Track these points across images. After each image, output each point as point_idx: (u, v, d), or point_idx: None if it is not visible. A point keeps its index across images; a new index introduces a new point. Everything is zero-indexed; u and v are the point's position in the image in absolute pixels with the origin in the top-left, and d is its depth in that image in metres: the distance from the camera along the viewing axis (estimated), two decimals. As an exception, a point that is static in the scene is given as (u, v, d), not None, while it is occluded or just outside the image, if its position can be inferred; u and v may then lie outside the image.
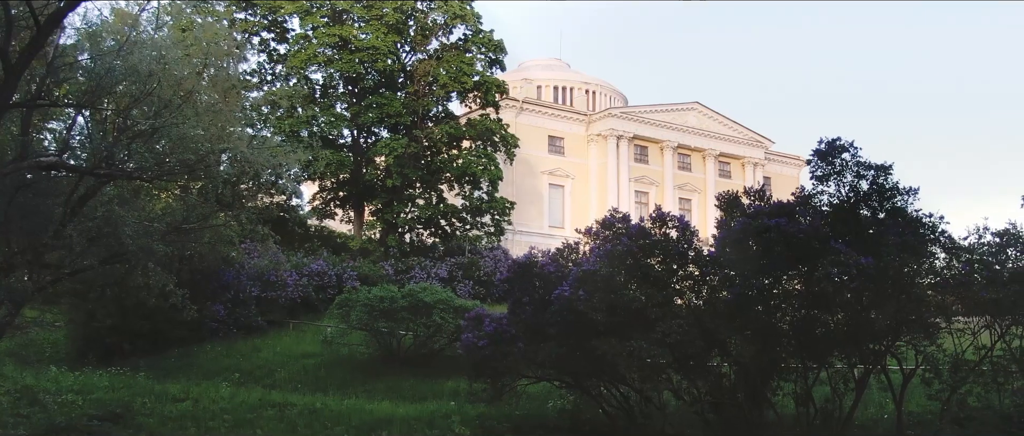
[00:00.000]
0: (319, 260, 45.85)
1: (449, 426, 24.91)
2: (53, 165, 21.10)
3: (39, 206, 21.12)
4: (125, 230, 20.62)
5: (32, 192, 21.01)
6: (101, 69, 19.43)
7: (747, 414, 23.17)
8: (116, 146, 20.49)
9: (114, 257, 22.53)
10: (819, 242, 20.16)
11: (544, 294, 23.04)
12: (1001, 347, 23.75)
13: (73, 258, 22.04)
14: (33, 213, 20.95)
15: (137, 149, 20.74)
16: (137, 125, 20.67)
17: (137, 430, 24.73)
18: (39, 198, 21.25)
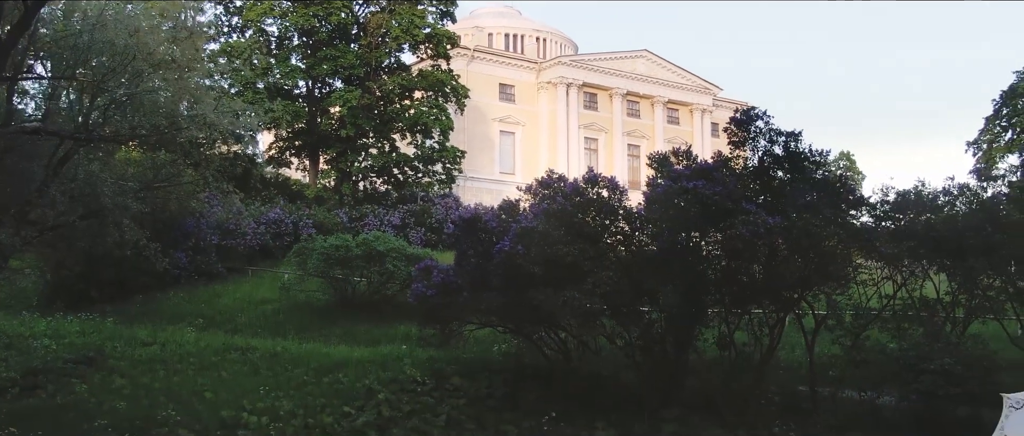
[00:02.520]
0: (276, 208, 47.33)
1: (401, 368, 26.57)
2: (36, 130, 22.68)
3: (23, 168, 22.74)
4: (103, 189, 22.32)
5: (17, 155, 22.61)
6: (82, 43, 20.95)
7: (673, 357, 25.33)
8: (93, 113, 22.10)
9: (91, 213, 24.23)
10: (732, 203, 22.20)
11: (488, 248, 24.56)
12: (903, 295, 26.16)
13: (56, 215, 23.72)
14: (18, 174, 22.56)
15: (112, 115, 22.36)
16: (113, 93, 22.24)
17: (110, 372, 26.43)
18: (23, 161, 22.86)
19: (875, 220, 25.07)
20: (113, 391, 25.00)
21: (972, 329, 27.01)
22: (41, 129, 22.67)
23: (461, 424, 23.75)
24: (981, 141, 64.09)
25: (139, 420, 22.96)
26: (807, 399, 24.72)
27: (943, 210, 26.45)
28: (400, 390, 25.41)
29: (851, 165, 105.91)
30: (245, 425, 23.02)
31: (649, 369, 25.14)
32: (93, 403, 24.03)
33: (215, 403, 24.29)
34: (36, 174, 22.68)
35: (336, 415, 23.92)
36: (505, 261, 23.28)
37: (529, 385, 25.46)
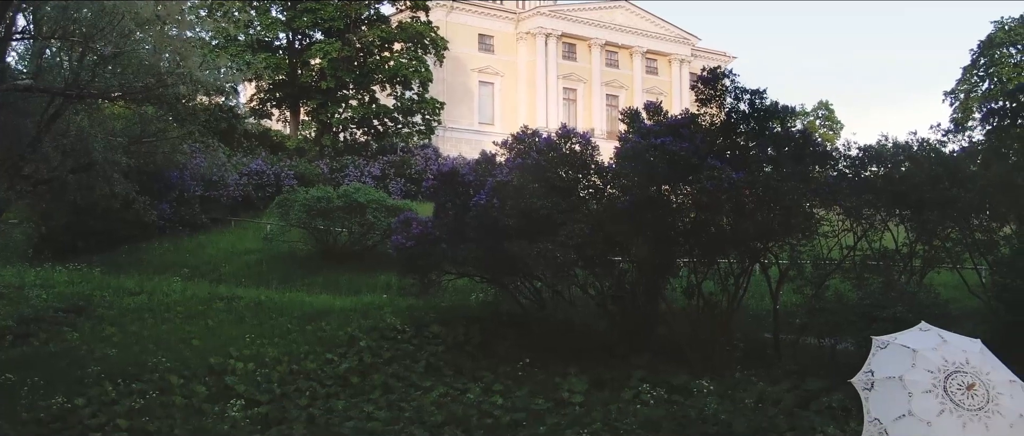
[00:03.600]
0: (258, 160, 48.06)
1: (382, 317, 27.53)
2: (28, 88, 23.37)
3: (15, 124, 23.45)
4: (94, 144, 23.10)
5: (9, 112, 23.31)
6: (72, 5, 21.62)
7: (643, 306, 26.34)
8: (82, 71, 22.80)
9: (82, 168, 25.03)
10: (698, 159, 23.10)
11: (465, 201, 25.32)
12: (863, 246, 27.21)
13: (49, 169, 24.49)
14: (10, 130, 23.27)
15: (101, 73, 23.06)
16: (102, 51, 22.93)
17: (99, 321, 27.31)
18: (16, 117, 23.56)
19: (837, 174, 25.95)
20: (103, 339, 25.90)
21: (930, 279, 28.15)
22: (33, 86, 23.37)
23: (440, 370, 24.67)
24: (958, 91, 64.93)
25: (130, 366, 23.88)
26: (771, 346, 25.74)
27: (903, 165, 27.40)
28: (381, 338, 26.35)
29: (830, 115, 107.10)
30: (232, 371, 23.97)
31: (620, 318, 26.07)
32: (84, 350, 24.93)
33: (203, 350, 25.22)
34: (28, 130, 23.43)
35: (319, 361, 24.88)
36: (481, 214, 24.09)
37: (505, 332, 26.37)
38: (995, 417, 4.30)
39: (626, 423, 21.08)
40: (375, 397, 23.06)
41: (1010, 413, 4.32)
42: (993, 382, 4.40)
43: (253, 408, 22.30)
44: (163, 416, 21.78)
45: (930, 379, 4.44)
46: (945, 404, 4.37)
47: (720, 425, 20.59)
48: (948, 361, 4.50)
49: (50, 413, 21.40)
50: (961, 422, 4.31)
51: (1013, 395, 4.42)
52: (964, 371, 4.44)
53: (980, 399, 4.34)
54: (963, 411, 4.31)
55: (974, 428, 4.29)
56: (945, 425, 4.32)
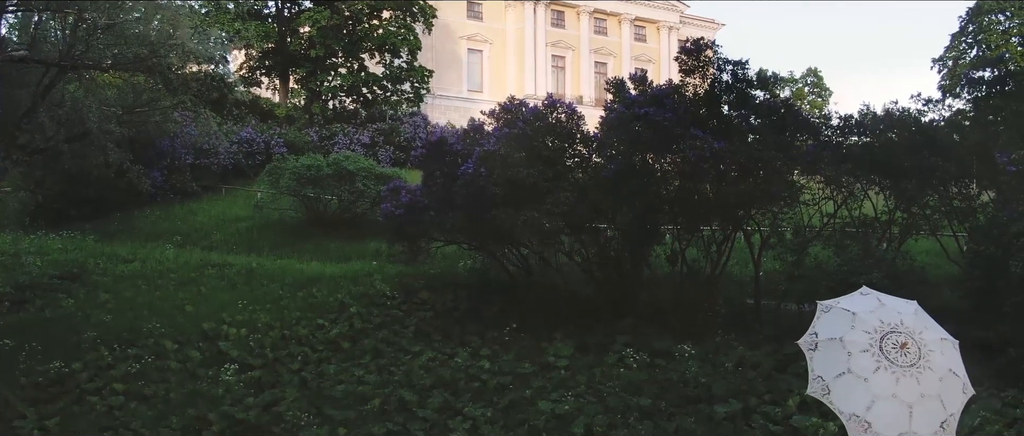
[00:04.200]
0: (248, 128, 48.30)
1: (371, 283, 28.04)
2: (23, 59, 23.72)
3: (11, 95, 23.82)
4: (88, 114, 23.50)
5: (4, 82, 23.67)
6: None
7: (628, 272, 26.89)
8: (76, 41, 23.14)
9: (76, 137, 25.44)
10: (681, 129, 23.59)
11: (453, 169, 25.69)
12: (843, 214, 27.76)
13: (44, 139, 24.89)
14: (6, 101, 23.64)
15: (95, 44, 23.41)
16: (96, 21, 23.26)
17: (94, 288, 27.76)
18: (11, 88, 23.92)
19: (818, 143, 26.42)
20: (98, 305, 26.37)
21: (912, 246, 28.74)
22: (28, 57, 23.72)
23: (428, 335, 25.22)
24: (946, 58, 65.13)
25: (125, 332, 24.40)
26: (752, 311, 26.30)
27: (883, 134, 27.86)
28: (371, 304, 26.90)
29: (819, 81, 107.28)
30: (225, 336, 24.51)
31: (605, 284, 26.58)
32: (80, 317, 25.43)
33: (196, 316, 25.74)
34: (24, 100, 23.81)
35: (311, 327, 25.41)
36: (469, 182, 24.51)
37: (492, 298, 26.92)
38: (926, 372, 4.80)
39: (609, 386, 21.71)
40: (365, 361, 23.66)
41: (940, 368, 4.83)
42: (925, 340, 4.89)
43: (246, 372, 22.90)
44: (159, 380, 22.37)
45: (867, 339, 4.94)
46: (880, 361, 4.86)
47: (700, 388, 21.23)
48: (884, 322, 4.99)
49: (48, 377, 21.98)
50: (895, 378, 4.81)
51: (944, 352, 4.92)
52: (899, 331, 4.93)
53: (912, 356, 4.83)
54: (896, 368, 4.81)
55: (906, 383, 4.78)
56: (880, 380, 4.82)
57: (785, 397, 19.65)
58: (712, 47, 25.42)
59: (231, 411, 20.93)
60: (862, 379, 4.86)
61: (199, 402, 21.43)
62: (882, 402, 4.77)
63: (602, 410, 20.59)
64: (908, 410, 4.72)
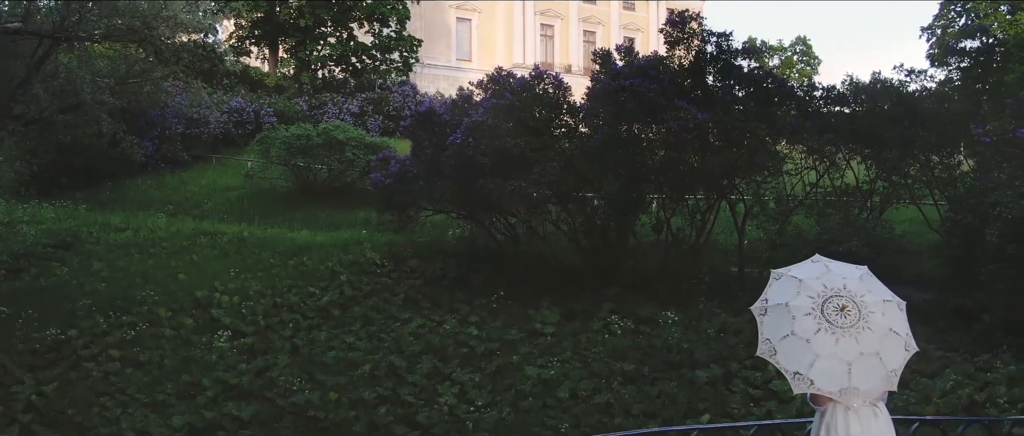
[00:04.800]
0: (238, 97, 48.38)
1: (361, 251, 28.43)
2: (17, 30, 23.98)
3: (6, 66, 24.11)
4: (82, 85, 23.82)
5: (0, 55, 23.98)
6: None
7: (614, 241, 27.35)
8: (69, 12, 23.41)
9: (70, 108, 25.76)
10: (665, 100, 24.00)
11: (441, 139, 25.94)
12: (826, 183, 28.22)
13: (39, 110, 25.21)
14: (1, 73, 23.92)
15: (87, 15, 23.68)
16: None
17: (87, 256, 28.11)
18: (6, 59, 24.20)
19: (801, 114, 26.83)
20: (92, 274, 26.75)
21: (895, 215, 29.24)
22: (22, 29, 23.98)
23: (417, 302, 25.67)
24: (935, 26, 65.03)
25: (119, 300, 24.82)
26: (736, 279, 26.80)
27: (866, 104, 28.32)
28: (361, 272, 27.31)
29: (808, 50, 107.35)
30: (218, 304, 24.93)
31: (591, 252, 27.01)
32: (74, 285, 25.82)
33: (189, 284, 26.13)
34: (18, 71, 24.11)
35: (302, 295, 25.84)
36: (457, 153, 24.86)
37: (480, 267, 27.32)
38: (865, 332, 5.19)
39: (594, 352, 22.26)
40: (356, 328, 24.14)
41: (880, 328, 5.21)
42: (866, 303, 5.26)
43: (239, 339, 23.38)
44: (153, 347, 22.84)
45: (810, 304, 5.36)
46: (821, 324, 5.28)
47: (683, 353, 21.79)
48: (827, 288, 5.39)
49: (45, 344, 22.45)
50: (834, 338, 5.22)
51: (885, 313, 5.28)
52: (840, 295, 5.32)
53: (852, 318, 5.22)
54: (836, 329, 5.21)
55: (845, 342, 5.20)
56: (821, 341, 5.25)
57: (765, 363, 20.00)
58: (697, 19, 25.80)
59: (224, 377, 21.48)
60: (804, 340, 5.30)
61: (193, 368, 21.95)
62: (822, 360, 5.22)
63: (587, 375, 21.17)
64: (847, 367, 5.17)
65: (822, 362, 5.24)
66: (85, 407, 20.28)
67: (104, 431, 19.32)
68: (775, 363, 5.45)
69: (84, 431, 19.51)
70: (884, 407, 5.58)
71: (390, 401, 20.53)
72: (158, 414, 19.98)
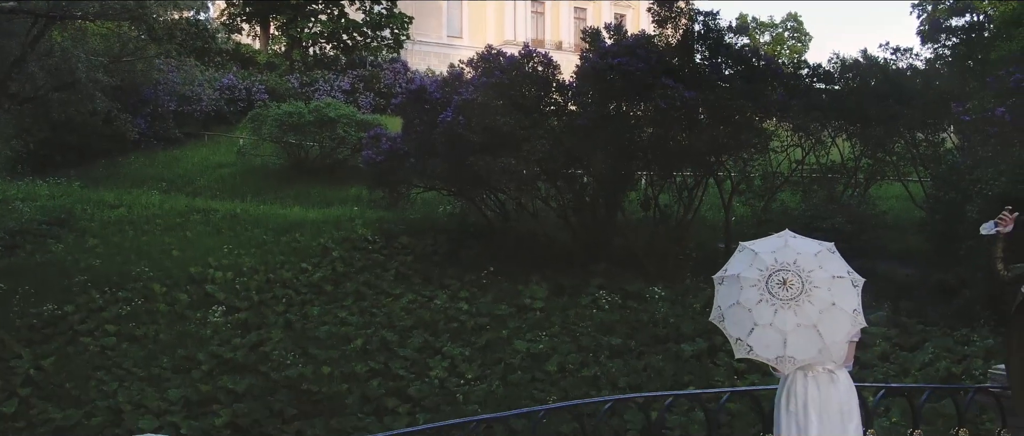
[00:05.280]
0: (229, 75, 48.48)
1: (353, 228, 28.78)
2: (12, 9, 24.23)
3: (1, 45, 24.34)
4: (77, 64, 24.11)
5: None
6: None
7: (602, 217, 27.74)
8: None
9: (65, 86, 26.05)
10: (653, 78, 24.35)
11: (432, 117, 26.29)
12: (811, 160, 28.59)
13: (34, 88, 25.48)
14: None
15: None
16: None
17: (82, 233, 28.44)
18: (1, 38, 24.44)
19: (787, 91, 27.14)
20: (87, 250, 27.08)
21: (881, 191, 29.61)
22: (17, 8, 24.23)
23: (408, 278, 26.06)
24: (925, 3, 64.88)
25: (114, 276, 25.16)
26: (722, 255, 27.09)
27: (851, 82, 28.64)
28: (352, 248, 27.66)
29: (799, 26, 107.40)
30: (212, 280, 25.28)
31: (580, 228, 27.40)
32: (70, 261, 26.13)
33: (183, 260, 26.46)
34: (13, 50, 24.37)
35: (294, 271, 26.21)
36: (448, 130, 25.17)
37: (471, 243, 27.72)
38: (805, 305, 5.56)
39: (582, 326, 22.68)
40: (348, 304, 24.52)
41: (821, 302, 5.57)
42: (813, 279, 5.62)
43: (233, 314, 23.76)
44: (148, 322, 23.21)
45: (757, 276, 5.75)
46: (763, 295, 5.67)
47: (669, 327, 22.20)
48: (778, 262, 5.77)
49: (42, 319, 22.81)
50: (773, 309, 5.61)
51: (832, 289, 5.64)
52: (788, 270, 5.69)
53: (794, 292, 5.59)
54: (776, 301, 5.60)
55: (784, 314, 5.58)
56: (761, 311, 5.65)
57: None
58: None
59: (219, 351, 21.85)
60: (747, 309, 5.71)
61: (188, 342, 22.32)
62: (760, 329, 5.63)
63: (575, 349, 21.59)
64: (783, 337, 5.57)
65: (759, 331, 5.67)
66: (82, 381, 20.63)
67: (102, 404, 19.66)
68: (722, 328, 5.87)
69: (82, 404, 19.85)
70: (845, 374, 5.97)
71: (382, 375, 20.93)
72: (154, 387, 20.33)
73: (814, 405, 5.91)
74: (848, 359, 5.97)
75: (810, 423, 5.94)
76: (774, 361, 5.73)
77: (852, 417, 5.96)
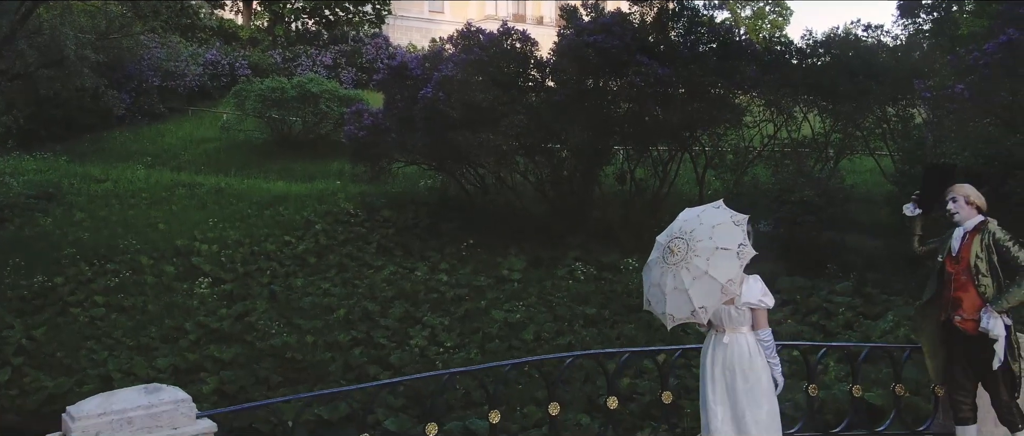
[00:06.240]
0: (213, 50, 48.86)
1: (336, 202, 29.38)
2: (1, -11, 24.71)
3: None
4: (66, 42, 24.61)
5: (-17, 12, 24.67)
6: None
7: (579, 191, 28.33)
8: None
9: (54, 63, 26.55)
10: (627, 55, 24.92)
11: (413, 93, 26.82)
12: (783, 134, 29.20)
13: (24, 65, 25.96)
14: (-15, 30, 24.65)
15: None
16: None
17: (69, 207, 28.95)
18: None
19: (760, 68, 27.67)
20: (75, 224, 27.62)
21: (854, 165, 30.23)
22: (6, -12, 24.74)
23: (390, 250, 26.69)
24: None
25: (102, 249, 25.74)
26: (697, 228, 27.78)
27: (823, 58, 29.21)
28: (335, 221, 28.27)
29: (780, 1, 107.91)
30: (198, 252, 25.89)
31: (557, 201, 27.96)
32: (58, 234, 26.70)
33: (169, 233, 27.05)
34: (2, 28, 24.81)
35: (278, 243, 26.81)
36: (428, 106, 25.66)
37: (451, 216, 28.30)
38: (684, 271, 6.17)
39: (558, 297, 23.37)
40: (331, 275, 25.15)
41: (696, 270, 6.15)
42: (698, 248, 6.21)
43: (219, 285, 24.38)
44: (136, 293, 23.82)
45: (663, 240, 6.49)
46: (656, 258, 6.44)
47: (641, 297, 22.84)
48: (677, 230, 6.43)
49: (32, 290, 23.41)
50: (661, 272, 6.30)
51: (709, 258, 6.20)
52: (680, 237, 6.33)
53: (678, 258, 6.22)
54: (664, 264, 6.27)
55: (667, 277, 6.23)
56: (653, 272, 6.35)
57: (718, 305, 21.23)
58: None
59: (206, 321, 22.50)
60: (649, 269, 6.46)
61: (175, 313, 22.96)
62: (651, 287, 6.37)
63: (551, 318, 22.28)
64: (664, 296, 6.26)
65: (650, 288, 6.44)
66: (73, 350, 21.27)
67: (92, 372, 20.32)
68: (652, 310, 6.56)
69: (73, 372, 20.52)
70: (745, 338, 6.58)
71: (364, 343, 21.62)
72: (143, 356, 21.00)
73: (718, 364, 6.55)
74: (758, 324, 6.52)
75: (712, 379, 6.59)
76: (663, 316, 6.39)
77: (759, 379, 6.48)
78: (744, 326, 6.50)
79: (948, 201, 7.73)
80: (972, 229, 7.55)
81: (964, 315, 7.50)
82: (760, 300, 6.42)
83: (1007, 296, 7.28)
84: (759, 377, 6.45)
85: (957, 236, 7.66)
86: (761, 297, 6.43)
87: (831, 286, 22.26)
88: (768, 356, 6.55)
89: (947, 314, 7.67)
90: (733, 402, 6.50)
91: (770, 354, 6.56)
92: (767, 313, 6.55)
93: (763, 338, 6.50)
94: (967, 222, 7.60)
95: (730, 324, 6.50)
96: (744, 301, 6.42)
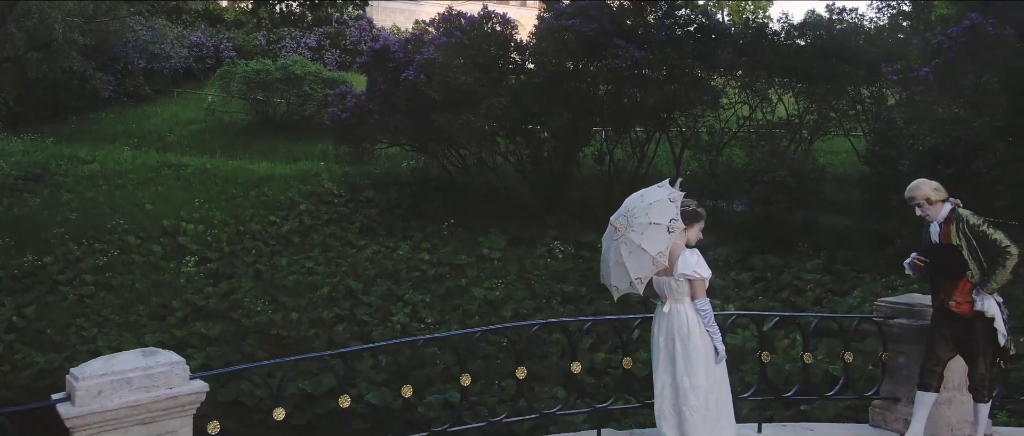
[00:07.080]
0: (198, 32, 49.10)
1: (319, 182, 29.79)
2: (-9, -27, 25.08)
3: (-21, 8, 25.22)
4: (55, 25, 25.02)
5: (-28, -3, 25.04)
6: None
7: (558, 171, 28.87)
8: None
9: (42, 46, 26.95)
10: (605, 38, 25.46)
11: (396, 75, 27.27)
12: (759, 116, 29.76)
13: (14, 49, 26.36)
14: (-25, 15, 25.03)
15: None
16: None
17: (57, 187, 29.37)
18: (-22, 2, 25.32)
19: (736, 51, 28.17)
20: (63, 204, 28.06)
21: (829, 146, 30.77)
22: (-6, -29, 25.13)
23: (373, 230, 27.17)
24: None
25: (90, 229, 26.20)
26: (673, 207, 28.31)
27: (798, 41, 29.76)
28: (319, 202, 28.73)
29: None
30: (184, 232, 26.37)
31: (537, 182, 28.48)
32: (46, 214, 27.14)
33: (156, 214, 27.50)
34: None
35: (263, 223, 27.29)
36: (411, 88, 26.16)
37: (432, 196, 28.77)
38: (623, 245, 6.74)
39: (537, 275, 23.96)
40: (315, 254, 25.67)
41: (631, 244, 6.72)
42: (635, 224, 6.79)
43: (205, 264, 24.90)
44: (124, 272, 24.33)
45: (612, 219, 7.12)
46: (607, 233, 7.11)
47: (618, 276, 23.41)
48: (624, 208, 7.08)
49: (22, 269, 23.90)
50: (607, 246, 6.96)
51: (644, 233, 6.72)
52: (623, 215, 6.99)
53: (620, 234, 6.83)
54: (611, 240, 6.93)
55: (611, 251, 6.81)
56: (604, 246, 7.06)
57: (691, 282, 21.83)
58: (638, -41, 27.16)
59: (193, 299, 23.04)
60: (604, 244, 7.12)
61: (163, 291, 23.49)
62: (602, 261, 7.03)
63: (529, 296, 22.88)
64: (609, 269, 6.91)
65: (603, 261, 7.06)
66: (63, 327, 21.80)
67: (82, 349, 20.86)
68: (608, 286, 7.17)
69: (63, 349, 21.06)
70: (684, 308, 7.13)
71: (347, 320, 22.20)
72: (131, 333, 21.55)
73: (662, 334, 7.07)
74: (696, 295, 7.06)
75: (657, 349, 7.14)
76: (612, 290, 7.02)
77: (696, 346, 6.88)
78: (685, 297, 6.99)
79: (914, 208, 8.17)
80: (944, 220, 7.92)
81: (957, 300, 8.00)
82: (695, 271, 6.88)
83: (995, 278, 7.73)
84: (696, 345, 6.89)
85: (933, 231, 8.10)
86: (696, 268, 6.88)
87: (802, 264, 22.86)
88: (706, 325, 6.94)
89: (941, 301, 8.18)
90: (673, 369, 6.96)
91: (708, 323, 6.95)
92: (705, 283, 6.96)
93: (700, 307, 6.95)
94: (938, 215, 7.94)
95: (672, 295, 6.96)
96: (680, 272, 6.88)
